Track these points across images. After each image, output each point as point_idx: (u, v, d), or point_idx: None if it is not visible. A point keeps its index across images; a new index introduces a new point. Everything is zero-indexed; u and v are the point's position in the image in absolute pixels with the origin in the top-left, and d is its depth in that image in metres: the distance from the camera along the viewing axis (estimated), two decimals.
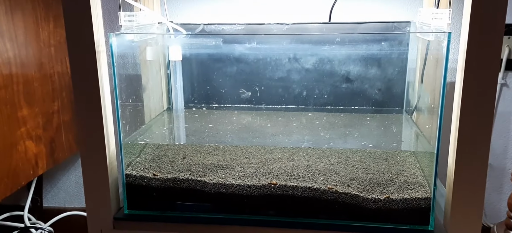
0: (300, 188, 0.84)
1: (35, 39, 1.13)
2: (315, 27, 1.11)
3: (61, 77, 1.24)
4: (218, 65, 1.20)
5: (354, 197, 0.83)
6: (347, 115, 1.16)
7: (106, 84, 0.84)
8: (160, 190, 0.88)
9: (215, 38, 1.12)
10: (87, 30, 0.79)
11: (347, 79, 1.15)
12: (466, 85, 0.73)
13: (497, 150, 1.26)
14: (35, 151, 1.14)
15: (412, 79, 1.10)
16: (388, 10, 1.18)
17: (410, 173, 0.88)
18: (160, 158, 0.94)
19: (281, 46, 1.15)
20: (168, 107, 1.23)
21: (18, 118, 1.07)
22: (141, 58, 1.08)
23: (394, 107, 1.16)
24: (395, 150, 0.97)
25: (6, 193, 1.04)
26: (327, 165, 0.90)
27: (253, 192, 0.86)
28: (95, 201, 0.88)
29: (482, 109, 0.74)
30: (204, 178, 0.88)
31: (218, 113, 1.21)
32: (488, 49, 0.71)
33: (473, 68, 0.73)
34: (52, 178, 1.48)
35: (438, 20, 0.86)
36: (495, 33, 0.71)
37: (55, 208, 1.48)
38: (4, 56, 1.02)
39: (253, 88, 1.19)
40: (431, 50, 0.94)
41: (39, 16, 1.14)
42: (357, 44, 1.12)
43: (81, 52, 0.81)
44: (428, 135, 0.92)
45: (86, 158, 0.86)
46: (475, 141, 0.75)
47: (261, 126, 1.11)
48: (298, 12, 1.20)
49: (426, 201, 0.81)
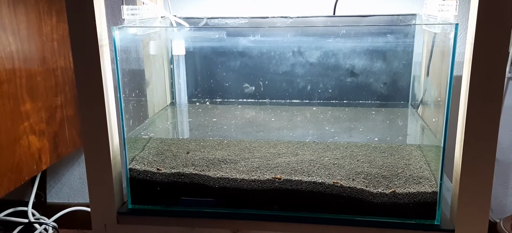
0: (305, 182, 0.84)
1: (38, 33, 1.12)
2: (320, 21, 1.10)
3: (64, 72, 1.23)
4: (221, 59, 1.19)
5: (359, 191, 0.82)
6: (352, 109, 1.15)
7: (109, 79, 0.84)
8: (164, 184, 0.88)
9: (218, 32, 1.12)
10: (89, 23, 0.78)
11: (352, 73, 1.14)
12: (473, 78, 0.72)
13: (503, 144, 1.25)
14: (38, 146, 1.13)
15: (417, 72, 1.09)
16: (394, 2, 1.17)
17: (416, 167, 0.87)
18: (164, 153, 0.94)
19: (285, 40, 1.14)
20: (172, 101, 1.22)
21: (21, 112, 1.07)
22: (144, 52, 1.08)
23: (399, 101, 1.15)
24: (400, 144, 0.96)
25: (9, 188, 1.04)
26: (332, 159, 0.90)
27: (257, 186, 0.85)
28: (99, 196, 0.88)
29: (490, 103, 0.73)
30: (208, 172, 0.87)
31: (222, 108, 1.20)
32: (496, 41, 0.70)
33: (481, 61, 0.71)
34: (56, 174, 1.48)
35: (445, 12, 0.84)
36: (503, 25, 0.70)
37: (59, 203, 1.48)
38: (7, 50, 1.02)
39: (257, 82, 1.19)
40: (438, 43, 0.93)
41: (42, 10, 1.13)
42: (362, 37, 1.11)
43: (84, 46, 0.80)
44: (434, 129, 0.91)
45: (89, 153, 0.86)
46: (483, 135, 0.74)
47: (265, 121, 1.10)
48: (302, 5, 1.19)
49: (432, 195, 0.80)
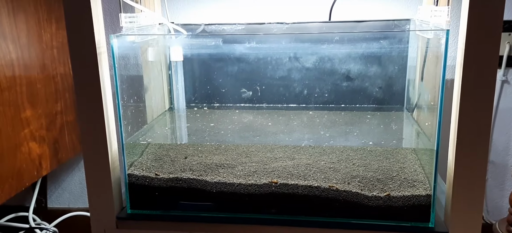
0: (301, 186, 0.85)
1: (38, 40, 1.14)
2: (315, 26, 1.11)
3: (64, 78, 1.25)
4: (219, 65, 1.20)
5: (355, 195, 0.83)
6: (348, 113, 1.16)
7: (108, 85, 0.85)
8: (162, 189, 0.89)
9: (215, 38, 1.13)
10: (88, 31, 0.80)
11: (347, 78, 1.15)
12: (464, 82, 0.74)
13: (499, 147, 1.26)
14: (38, 152, 1.15)
15: (412, 77, 1.11)
16: (388, 8, 1.18)
17: (410, 171, 0.88)
18: (162, 158, 0.95)
19: (281, 46, 1.15)
20: (170, 107, 1.23)
21: (21, 119, 1.08)
22: (142, 58, 1.09)
23: (395, 105, 1.16)
24: (395, 148, 0.97)
25: (10, 194, 1.05)
26: (328, 163, 0.91)
27: (254, 190, 0.86)
28: (98, 201, 0.89)
29: (481, 106, 0.74)
30: (205, 177, 0.88)
31: (219, 113, 1.21)
32: (487, 46, 0.71)
33: (472, 65, 0.73)
34: (56, 179, 1.49)
35: (437, 18, 0.86)
36: (493, 30, 0.71)
37: (59, 208, 1.50)
38: (7, 58, 1.03)
39: (254, 88, 1.20)
40: (431, 48, 0.94)
41: (41, 18, 1.15)
42: (358, 42, 1.12)
43: (83, 54, 0.81)
44: (428, 132, 0.92)
45: (88, 158, 0.87)
46: (475, 137, 0.75)
47: (262, 125, 1.11)
48: (298, 11, 1.20)
49: (426, 198, 0.81)
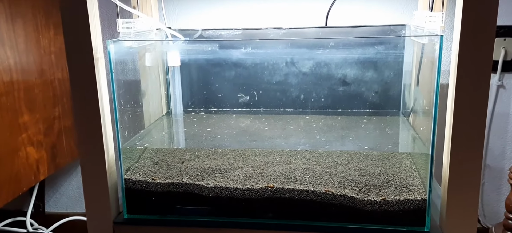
0: (297, 191, 0.85)
1: (36, 46, 1.14)
2: (312, 31, 1.12)
3: (62, 83, 1.25)
4: (216, 70, 1.21)
5: (351, 199, 0.84)
6: (344, 117, 1.17)
7: (105, 90, 0.86)
8: (159, 194, 0.89)
9: (212, 44, 1.14)
10: (85, 37, 0.80)
11: (344, 82, 1.16)
12: (458, 87, 0.74)
13: (495, 151, 1.27)
14: (36, 156, 1.15)
15: (408, 81, 1.11)
16: (384, 13, 1.19)
17: (406, 175, 0.88)
18: (159, 163, 0.95)
19: (278, 51, 1.16)
20: (167, 111, 1.24)
21: (19, 124, 1.09)
22: (140, 64, 1.09)
23: (390, 110, 1.17)
24: (391, 152, 0.98)
25: (8, 199, 1.06)
26: (324, 167, 0.91)
27: (250, 195, 0.87)
28: (95, 206, 0.89)
29: (475, 110, 0.75)
30: (202, 182, 0.89)
31: (216, 117, 1.22)
32: (480, 51, 0.72)
33: (465, 70, 0.73)
34: (54, 184, 1.49)
35: (432, 23, 0.87)
36: (486, 35, 0.71)
37: (57, 213, 1.50)
38: (5, 63, 1.04)
39: (251, 92, 1.20)
40: (426, 53, 0.95)
41: (39, 24, 1.16)
42: (354, 47, 1.13)
43: (80, 59, 0.82)
44: (424, 137, 0.92)
45: (85, 163, 0.87)
46: (469, 141, 0.76)
47: (259, 130, 1.11)
48: (295, 17, 1.21)
49: (422, 203, 0.82)
